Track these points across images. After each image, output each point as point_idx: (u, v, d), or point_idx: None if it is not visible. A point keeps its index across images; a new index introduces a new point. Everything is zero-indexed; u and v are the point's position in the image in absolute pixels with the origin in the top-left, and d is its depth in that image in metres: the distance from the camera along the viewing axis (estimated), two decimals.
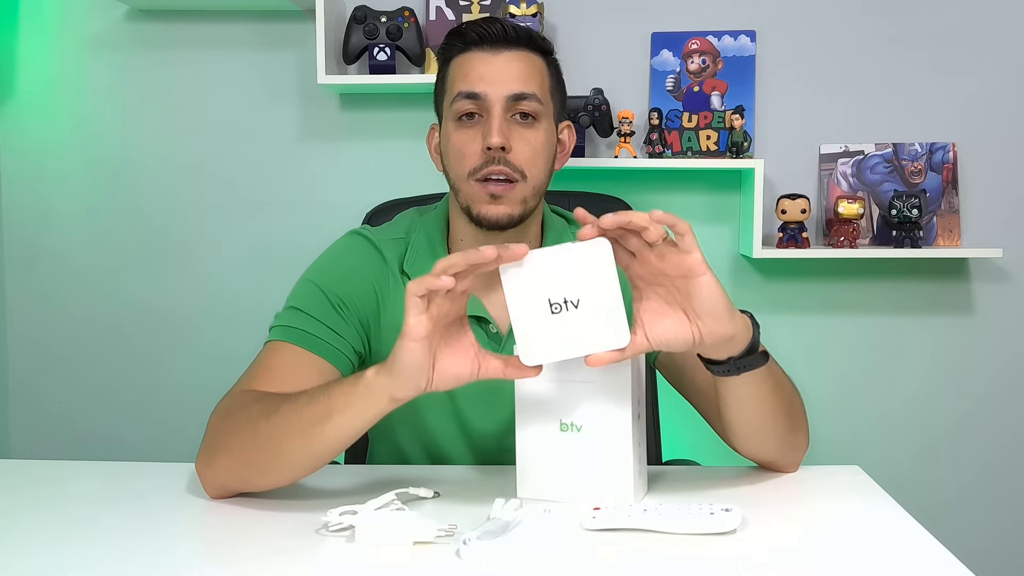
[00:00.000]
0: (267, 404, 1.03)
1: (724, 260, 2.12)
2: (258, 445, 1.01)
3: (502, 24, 1.18)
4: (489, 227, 1.18)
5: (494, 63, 1.17)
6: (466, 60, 1.19)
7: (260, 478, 1.04)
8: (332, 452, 1.00)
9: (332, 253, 1.27)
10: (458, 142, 1.18)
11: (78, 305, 2.20)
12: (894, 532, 0.96)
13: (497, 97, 1.16)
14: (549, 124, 1.21)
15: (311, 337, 1.15)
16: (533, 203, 1.20)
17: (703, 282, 0.91)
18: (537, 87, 1.18)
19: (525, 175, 1.17)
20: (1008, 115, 2.07)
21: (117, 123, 2.16)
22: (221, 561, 0.92)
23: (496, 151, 1.15)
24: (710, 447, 1.27)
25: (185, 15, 2.13)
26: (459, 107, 1.18)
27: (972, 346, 2.12)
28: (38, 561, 0.90)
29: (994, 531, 2.14)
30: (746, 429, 1.09)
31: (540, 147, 1.19)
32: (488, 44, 1.18)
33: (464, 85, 1.17)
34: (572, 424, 1.02)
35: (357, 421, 0.96)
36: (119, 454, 2.16)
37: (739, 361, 0.99)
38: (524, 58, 1.19)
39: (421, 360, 0.90)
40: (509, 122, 1.17)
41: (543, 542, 0.91)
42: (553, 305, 0.88)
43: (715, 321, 0.93)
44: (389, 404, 0.94)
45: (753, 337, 1.00)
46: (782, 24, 2.07)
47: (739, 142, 1.98)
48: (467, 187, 1.18)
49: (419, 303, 0.88)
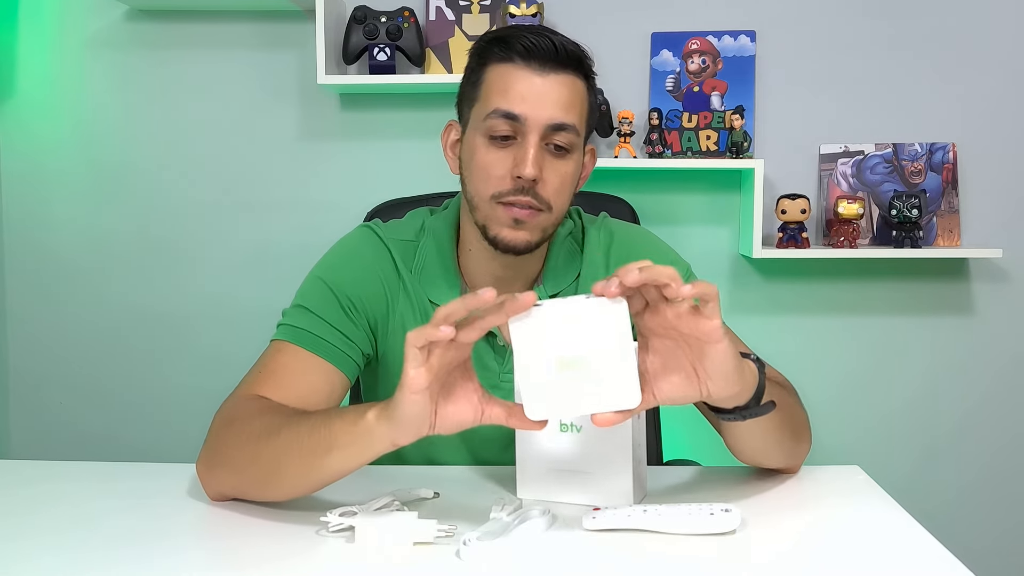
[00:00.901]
0: (269, 423, 1.01)
1: (724, 260, 2.12)
2: (256, 464, 1.00)
3: (552, 40, 1.09)
4: (505, 251, 1.14)
5: (539, 85, 1.09)
6: (508, 73, 1.10)
7: (258, 493, 1.03)
8: (331, 481, 0.98)
9: (344, 249, 1.24)
10: (486, 161, 1.12)
11: (78, 305, 2.20)
12: (894, 532, 0.96)
13: (536, 123, 1.09)
14: (579, 153, 1.15)
15: (319, 340, 1.14)
16: (552, 231, 1.17)
17: (719, 348, 0.87)
18: (577, 116, 1.11)
19: (551, 206, 1.12)
20: (1008, 115, 2.07)
21: (117, 123, 2.16)
22: (221, 561, 0.92)
23: (527, 182, 1.09)
24: (710, 447, 1.26)
25: (185, 15, 2.13)
26: (493, 125, 1.10)
27: (972, 346, 2.12)
28: (38, 561, 0.89)
29: (994, 531, 2.14)
30: (749, 452, 1.09)
31: (569, 179, 1.14)
32: (535, 60, 1.09)
33: (503, 103, 1.10)
34: (572, 424, 1.02)
35: (357, 460, 0.94)
36: (119, 454, 2.16)
37: (745, 411, 0.97)
38: (570, 83, 1.11)
39: (422, 411, 0.87)
40: (543, 151, 1.11)
41: (543, 542, 0.91)
42: (561, 360, 0.83)
43: (724, 381, 0.89)
44: (390, 447, 0.92)
45: (759, 384, 0.97)
46: (782, 24, 2.07)
47: (739, 142, 1.98)
48: (488, 208, 1.12)
49: (418, 355, 0.84)
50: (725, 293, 2.10)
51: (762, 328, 2.10)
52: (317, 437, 0.94)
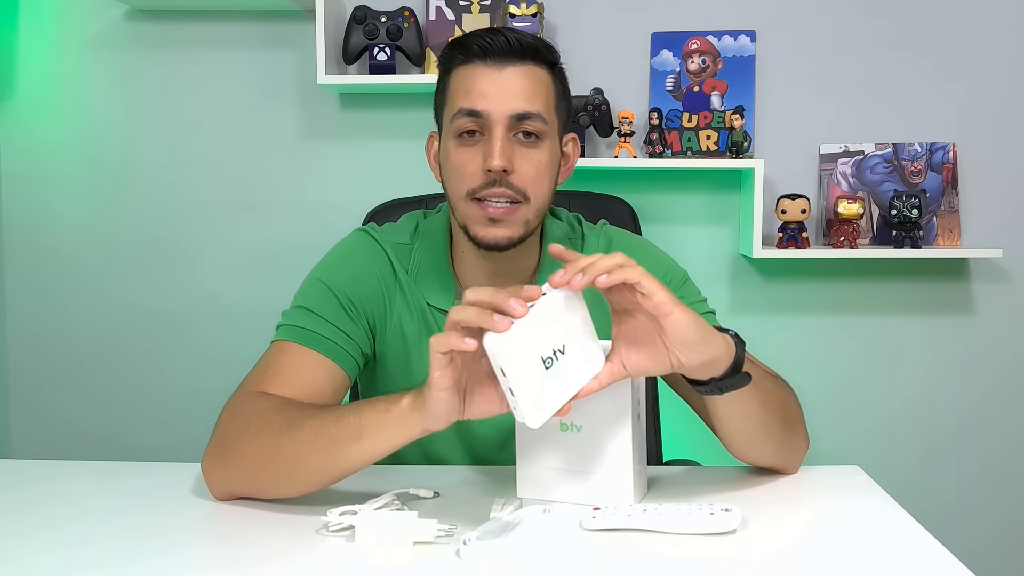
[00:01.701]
0: (289, 417, 1.02)
1: (724, 260, 2.12)
2: (277, 459, 1.00)
3: (505, 36, 1.12)
4: (487, 249, 1.15)
5: (497, 79, 1.12)
6: (468, 73, 1.14)
7: (273, 489, 1.03)
8: (352, 471, 1.00)
9: (341, 251, 1.26)
10: (457, 160, 1.14)
11: (78, 305, 2.20)
12: (894, 532, 0.96)
13: (499, 116, 1.11)
14: (553, 141, 1.16)
15: (320, 338, 1.14)
16: (536, 223, 1.17)
17: (673, 319, 0.91)
18: (542, 105, 1.13)
19: (528, 197, 1.13)
20: (1008, 115, 2.07)
21: (117, 123, 2.16)
22: (221, 561, 0.92)
23: (497, 173, 1.11)
24: (710, 447, 1.26)
25: (185, 15, 2.13)
26: (459, 124, 1.13)
27: (972, 346, 2.12)
28: (38, 561, 0.90)
29: (994, 531, 2.14)
30: (739, 439, 1.09)
31: (544, 167, 1.15)
32: (492, 57, 1.12)
33: (465, 101, 1.12)
34: (572, 424, 1.02)
35: (386, 445, 0.96)
36: (119, 454, 2.16)
37: (720, 382, 0.99)
38: (529, 73, 1.13)
39: (450, 405, 0.90)
40: (511, 141, 1.12)
41: (543, 542, 0.91)
42: (545, 360, 0.88)
43: (690, 351, 0.93)
44: (421, 433, 0.95)
45: (736, 357, 0.98)
46: (782, 24, 2.07)
47: (739, 142, 1.98)
48: (464, 207, 1.14)
49: (442, 358, 0.87)
50: (725, 293, 2.10)
51: (762, 328, 2.10)
52: (344, 425, 0.97)
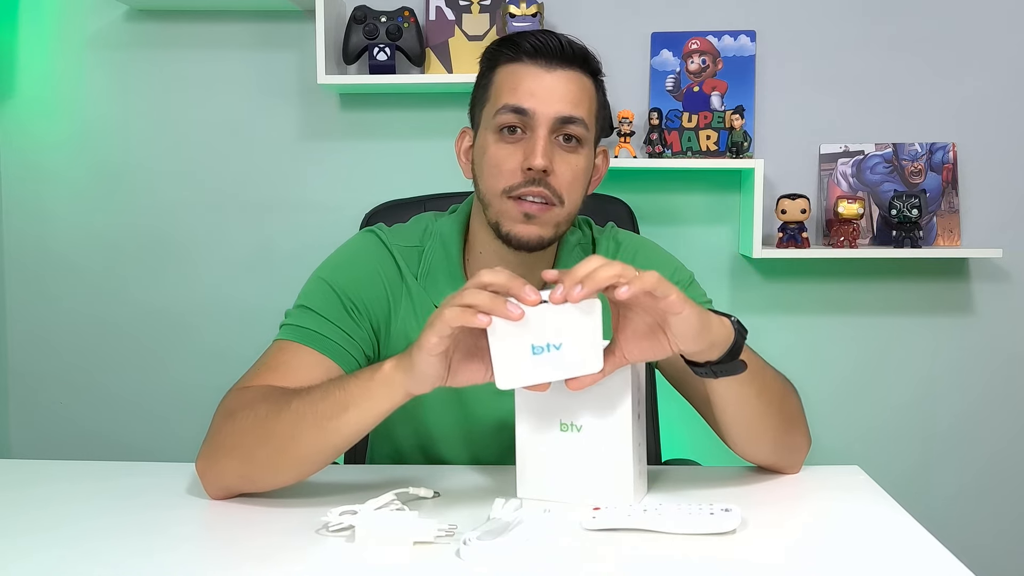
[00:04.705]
0: (275, 401, 1.03)
1: (724, 260, 2.12)
2: (268, 443, 1.01)
3: (559, 39, 1.13)
4: (518, 247, 1.15)
5: (546, 80, 1.13)
6: (516, 71, 1.14)
7: (268, 476, 1.03)
8: (344, 446, 1.00)
9: (346, 253, 1.25)
10: (496, 156, 1.14)
11: (78, 305, 2.20)
12: (894, 532, 0.96)
13: (545, 116, 1.12)
14: (590, 149, 1.18)
15: (321, 337, 1.14)
16: (564, 229, 1.18)
17: (682, 317, 0.92)
18: (585, 111, 1.15)
19: (563, 200, 1.14)
20: (1008, 115, 2.07)
21: (117, 123, 2.16)
22: (221, 561, 0.92)
23: (537, 173, 1.11)
24: (710, 447, 1.27)
25: (185, 15, 2.13)
26: (503, 120, 1.13)
27: (972, 346, 2.12)
28: (38, 561, 0.89)
29: (994, 531, 2.14)
30: (737, 429, 1.10)
31: (580, 172, 1.15)
32: (542, 58, 1.13)
33: (512, 98, 1.13)
34: (572, 424, 1.02)
35: (373, 413, 0.98)
36: (119, 454, 2.16)
37: (716, 366, 0.99)
38: (576, 79, 1.15)
39: (436, 369, 0.93)
40: (553, 143, 1.13)
41: (543, 542, 0.91)
42: (535, 348, 0.90)
43: (692, 341, 0.95)
44: (405, 397, 0.97)
45: (735, 343, 0.99)
46: (782, 24, 2.07)
47: (739, 142, 1.98)
48: (500, 203, 1.14)
49: (445, 327, 0.89)
50: (725, 293, 2.10)
51: (762, 328, 2.09)
52: (331, 400, 0.98)
